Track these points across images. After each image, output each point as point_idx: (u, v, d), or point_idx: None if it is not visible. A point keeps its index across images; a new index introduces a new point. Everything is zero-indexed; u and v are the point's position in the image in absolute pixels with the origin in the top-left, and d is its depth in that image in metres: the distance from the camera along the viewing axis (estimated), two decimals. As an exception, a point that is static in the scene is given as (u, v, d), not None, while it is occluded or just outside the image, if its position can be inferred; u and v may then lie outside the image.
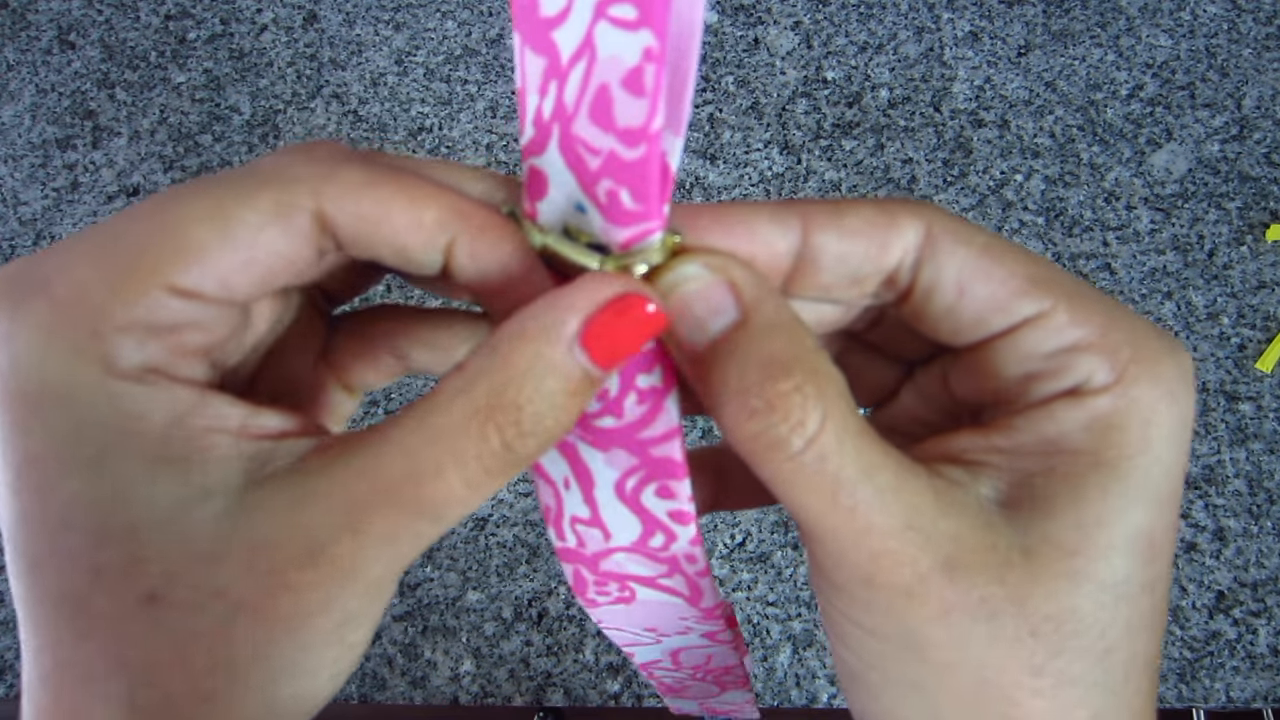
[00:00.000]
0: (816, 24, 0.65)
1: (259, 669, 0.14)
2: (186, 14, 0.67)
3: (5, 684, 0.54)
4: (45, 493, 0.14)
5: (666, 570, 0.20)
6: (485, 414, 0.14)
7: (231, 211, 0.14)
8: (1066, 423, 0.16)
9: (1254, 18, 0.64)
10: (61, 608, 0.14)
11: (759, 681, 0.52)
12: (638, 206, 0.15)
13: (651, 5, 0.13)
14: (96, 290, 0.13)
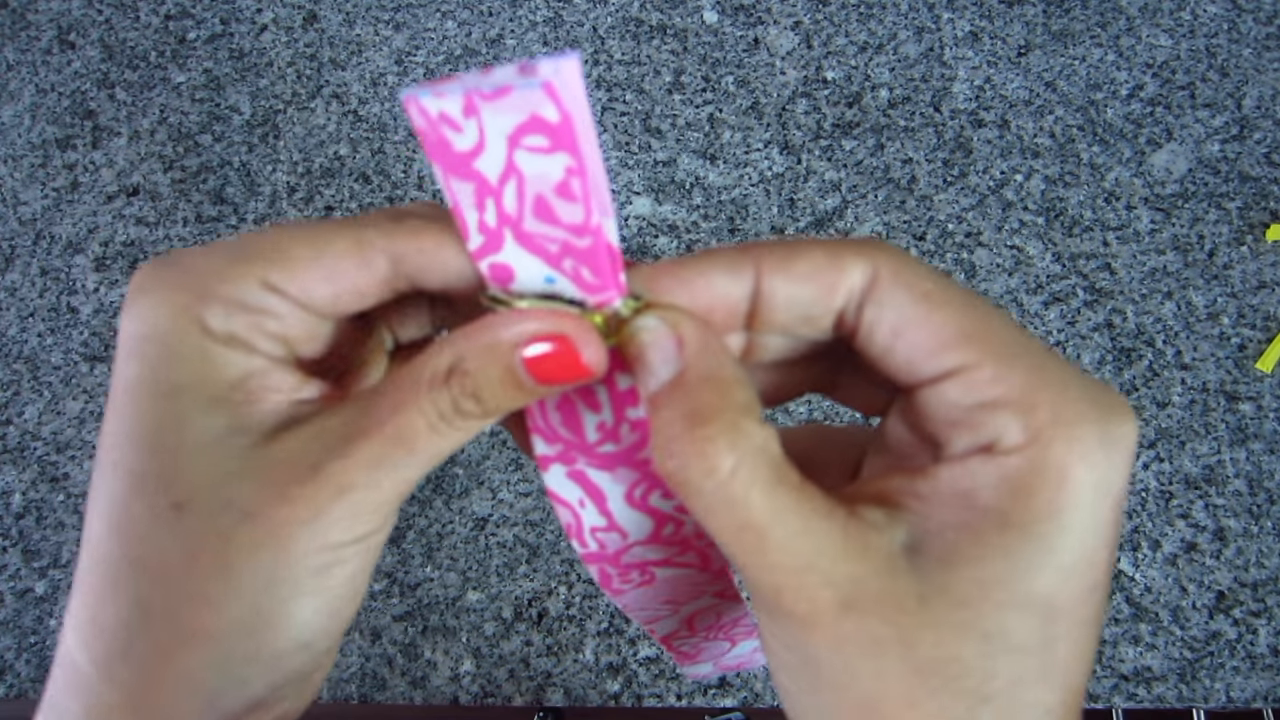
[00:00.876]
0: (816, 24, 0.65)
1: (248, 576, 0.17)
2: (186, 14, 0.67)
3: (5, 684, 0.54)
4: (129, 411, 0.18)
5: (679, 550, 0.22)
6: (444, 374, 0.18)
7: (323, 240, 0.18)
8: (980, 479, 0.16)
9: (1254, 18, 0.64)
10: (106, 511, 0.18)
11: (759, 681, 0.52)
12: (596, 280, 0.18)
13: (559, 133, 0.15)
14: (211, 271, 0.18)
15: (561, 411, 0.20)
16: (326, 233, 0.18)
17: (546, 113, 0.15)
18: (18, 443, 0.58)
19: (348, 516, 0.18)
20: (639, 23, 0.66)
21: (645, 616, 0.25)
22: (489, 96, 0.16)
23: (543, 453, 0.21)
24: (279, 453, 0.18)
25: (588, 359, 0.18)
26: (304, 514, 0.17)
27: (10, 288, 0.61)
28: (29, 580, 0.56)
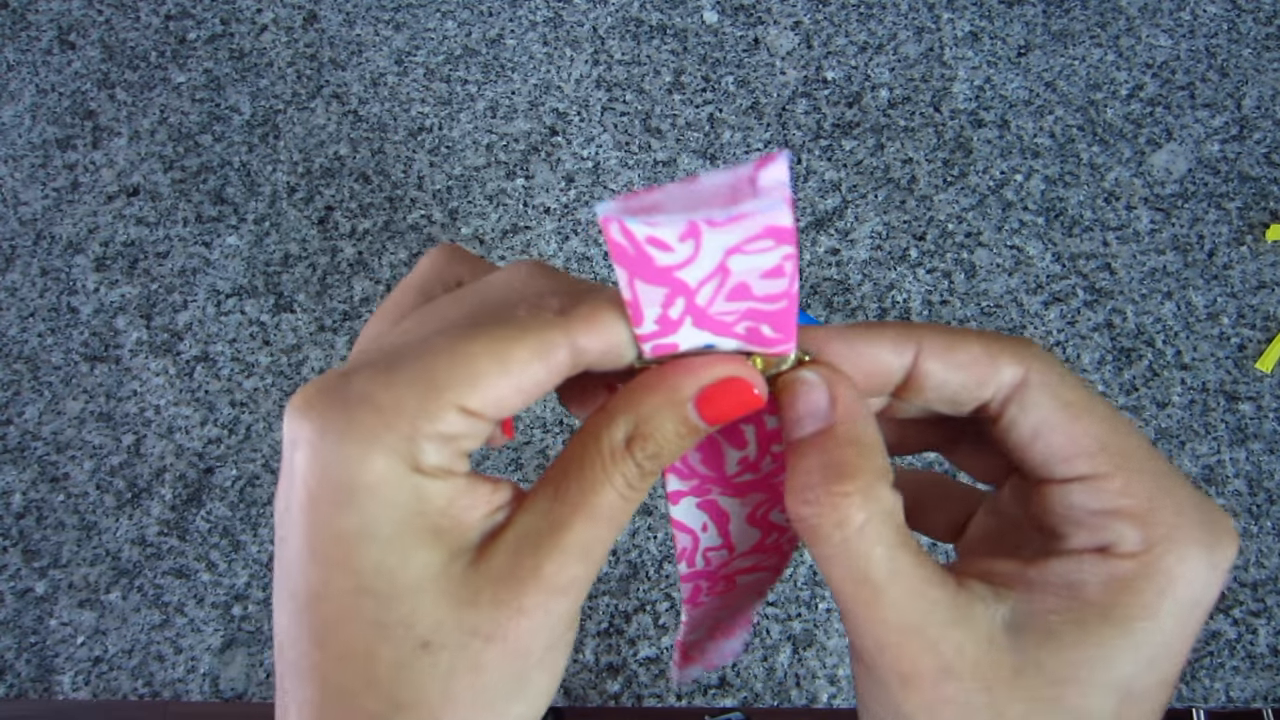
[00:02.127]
0: (816, 24, 0.65)
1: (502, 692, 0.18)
2: (186, 14, 0.67)
3: (5, 684, 0.54)
4: (349, 564, 0.18)
5: (768, 555, 0.24)
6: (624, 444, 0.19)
7: (507, 351, 0.18)
8: (1090, 574, 0.18)
9: (1254, 18, 0.64)
10: (348, 662, 0.18)
11: (758, 681, 0.52)
12: (777, 335, 0.19)
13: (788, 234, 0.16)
14: (410, 407, 0.18)
15: (703, 451, 0.21)
16: (508, 340, 0.18)
17: (783, 221, 0.16)
18: (18, 443, 0.58)
19: (569, 612, 0.19)
20: (639, 23, 0.66)
21: (695, 622, 0.26)
22: (720, 224, 0.16)
23: (675, 488, 0.22)
24: (498, 569, 0.18)
25: (759, 391, 0.19)
26: (540, 620, 0.18)
27: (10, 288, 0.61)
28: (29, 580, 0.56)
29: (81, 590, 0.55)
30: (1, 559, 0.56)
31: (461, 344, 0.18)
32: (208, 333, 0.60)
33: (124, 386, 0.59)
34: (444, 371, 0.18)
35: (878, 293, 0.59)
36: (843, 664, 0.52)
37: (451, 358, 0.18)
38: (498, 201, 0.62)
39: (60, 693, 0.53)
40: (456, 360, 0.18)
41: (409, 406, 0.17)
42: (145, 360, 0.59)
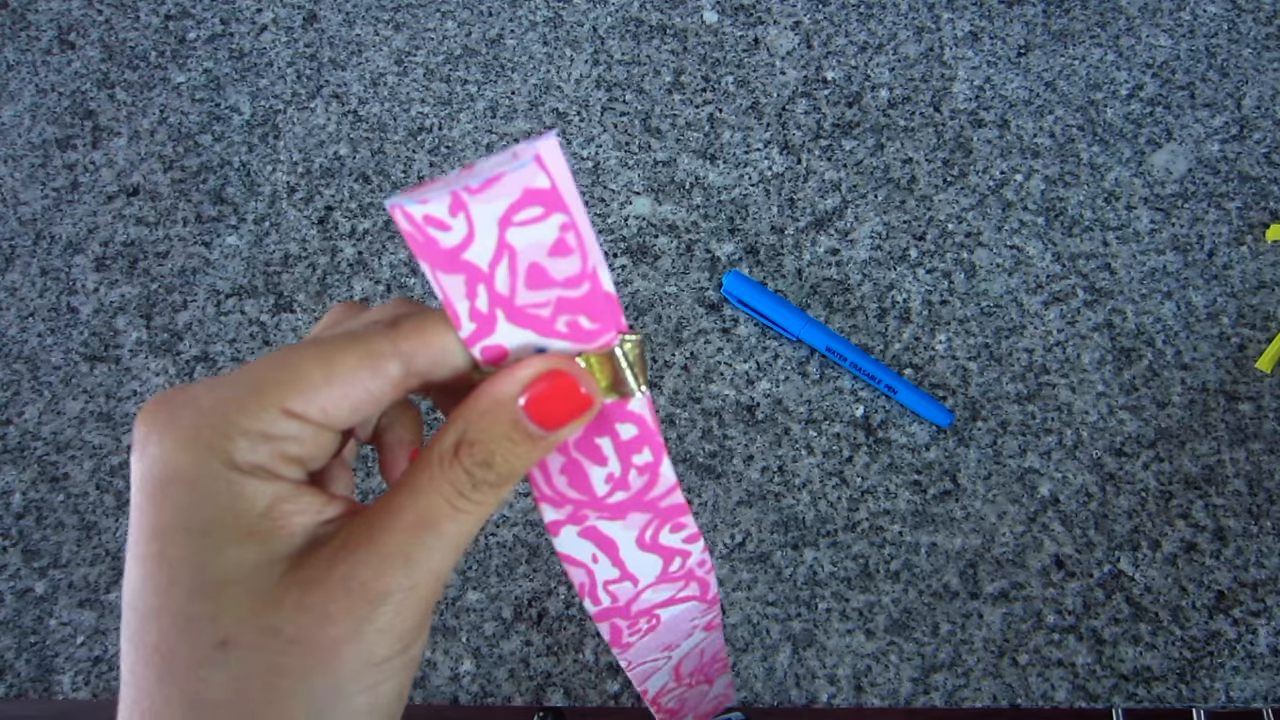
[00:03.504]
0: (816, 24, 0.65)
1: (300, 703, 0.17)
2: (186, 14, 0.67)
3: (5, 684, 0.54)
4: (162, 556, 0.18)
5: (683, 584, 0.24)
6: (453, 450, 0.19)
7: (332, 357, 0.19)
8: None
9: (1254, 18, 0.64)
10: (153, 658, 0.18)
11: (758, 681, 0.52)
12: (596, 325, 0.19)
13: (551, 196, 0.17)
14: (230, 406, 0.18)
15: (568, 474, 0.21)
16: (335, 350, 0.19)
17: (538, 182, 0.17)
18: (18, 443, 0.58)
19: (389, 626, 0.18)
20: (639, 23, 0.66)
21: (644, 671, 0.26)
22: (477, 190, 0.17)
23: (552, 519, 0.22)
24: (311, 573, 0.18)
25: (586, 389, 0.19)
26: (347, 629, 0.18)
27: (10, 288, 0.61)
28: (29, 580, 0.56)
29: (81, 590, 0.55)
30: (1, 559, 0.56)
31: (289, 354, 0.19)
32: (208, 333, 0.60)
33: (124, 386, 0.59)
34: (268, 376, 0.18)
35: (878, 293, 0.59)
36: (842, 664, 0.52)
37: (277, 364, 0.19)
38: (498, 201, 0.62)
39: (60, 693, 0.53)
40: (282, 366, 0.19)
41: (229, 406, 0.18)
42: (145, 360, 0.59)
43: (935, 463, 0.55)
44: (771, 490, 0.55)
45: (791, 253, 0.60)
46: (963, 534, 0.54)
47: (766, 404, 0.56)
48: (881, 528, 0.54)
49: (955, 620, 0.53)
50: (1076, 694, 0.51)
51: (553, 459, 0.21)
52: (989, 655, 0.52)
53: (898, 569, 0.53)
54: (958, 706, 0.51)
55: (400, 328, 0.19)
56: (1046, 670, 0.52)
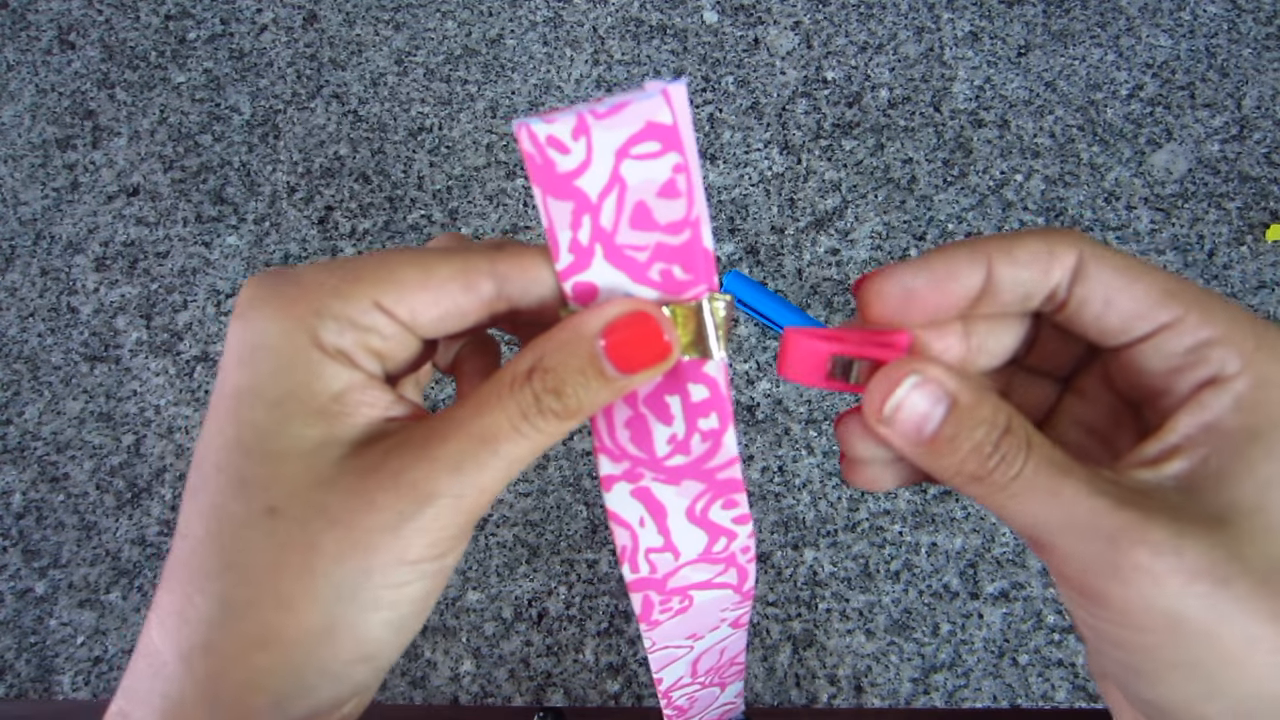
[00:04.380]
0: (816, 24, 0.65)
1: (329, 583, 0.18)
2: (186, 14, 0.67)
3: (5, 684, 0.54)
4: (236, 416, 0.18)
5: (723, 568, 0.23)
6: (525, 373, 0.19)
7: (431, 265, 0.19)
8: (1218, 409, 0.19)
9: (1254, 18, 0.64)
10: (206, 511, 0.18)
11: (758, 681, 0.52)
12: (689, 276, 0.19)
13: (671, 134, 0.17)
14: (326, 289, 0.19)
15: (631, 429, 0.21)
16: (435, 258, 0.19)
17: (661, 117, 0.17)
18: (18, 443, 0.58)
19: (430, 528, 0.18)
20: (639, 23, 0.66)
21: (665, 657, 0.26)
22: (603, 115, 0.17)
23: (608, 472, 0.21)
24: (367, 461, 0.18)
25: (669, 337, 0.19)
26: (389, 520, 0.18)
27: (10, 288, 0.61)
28: (29, 580, 0.56)
29: (81, 590, 0.55)
30: (1, 559, 0.56)
31: (392, 254, 0.20)
32: (208, 333, 0.60)
33: (124, 386, 0.59)
34: (368, 269, 0.19)
35: (878, 293, 0.59)
36: (843, 664, 0.52)
37: (378, 261, 0.19)
38: (498, 201, 0.62)
39: (60, 693, 0.53)
40: (382, 263, 0.19)
41: (326, 288, 0.19)
42: (145, 360, 0.59)
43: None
44: (771, 490, 0.55)
45: (791, 253, 0.60)
46: (963, 534, 0.54)
47: (766, 404, 0.56)
48: (881, 528, 0.54)
49: (955, 620, 0.52)
50: (1076, 694, 0.51)
51: (619, 410, 0.21)
52: (989, 655, 0.52)
53: (898, 569, 0.53)
54: (958, 706, 0.51)
55: (501, 251, 0.20)
56: (1046, 670, 0.52)
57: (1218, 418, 0.19)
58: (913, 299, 0.21)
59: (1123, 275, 0.20)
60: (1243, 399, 0.19)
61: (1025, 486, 0.18)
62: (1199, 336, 0.19)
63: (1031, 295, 0.21)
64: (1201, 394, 0.19)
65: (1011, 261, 0.20)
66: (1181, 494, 0.18)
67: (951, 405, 0.19)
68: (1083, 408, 0.23)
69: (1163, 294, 0.19)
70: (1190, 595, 0.17)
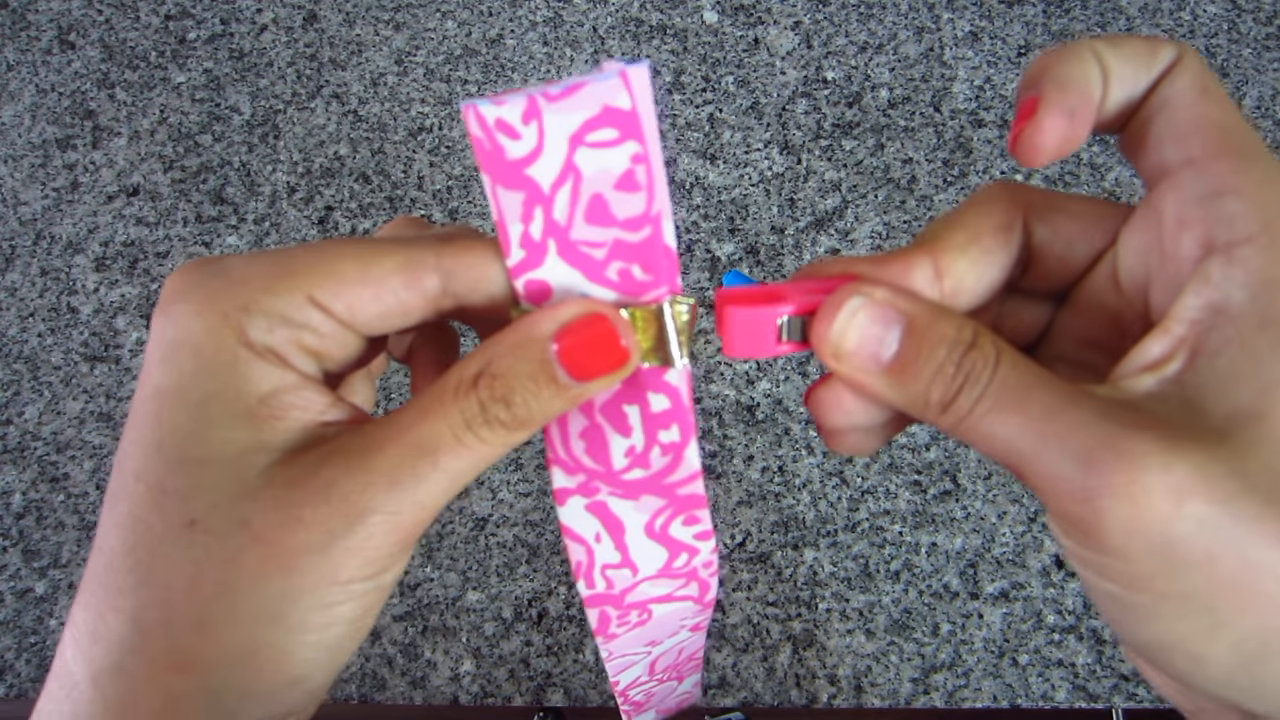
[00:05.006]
0: (816, 24, 0.65)
1: (251, 604, 0.16)
2: (186, 14, 0.67)
3: (5, 684, 0.54)
4: (156, 419, 0.17)
5: (684, 582, 0.22)
6: (472, 379, 0.17)
7: (372, 258, 0.18)
8: (1225, 286, 0.16)
9: (1254, 18, 0.64)
10: (124, 523, 0.17)
11: (758, 681, 0.52)
12: (648, 277, 0.17)
13: (629, 121, 0.16)
14: (256, 282, 0.17)
15: (586, 439, 0.19)
16: (376, 250, 0.18)
17: (619, 101, 0.16)
18: (18, 443, 0.58)
19: (362, 548, 0.17)
20: (639, 23, 0.66)
21: (621, 665, 0.25)
22: (555, 97, 0.16)
23: (561, 485, 0.20)
24: (296, 471, 0.17)
25: (626, 342, 0.17)
26: (317, 539, 0.16)
27: (10, 288, 0.61)
28: (29, 580, 0.56)
29: (81, 590, 0.55)
30: (1, 559, 0.56)
31: (329, 245, 0.18)
32: (208, 333, 0.60)
33: (124, 386, 0.59)
34: (302, 261, 0.18)
35: (878, 293, 0.59)
36: (843, 664, 0.52)
37: (314, 252, 0.18)
38: (498, 201, 0.62)
39: (60, 693, 0.53)
40: (318, 255, 0.18)
41: (256, 281, 0.17)
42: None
43: (935, 463, 0.55)
44: (771, 490, 0.55)
45: (791, 253, 0.60)
46: (963, 534, 0.54)
47: (766, 404, 0.56)
48: (882, 528, 0.54)
49: (955, 620, 0.53)
50: (1077, 694, 0.51)
51: (574, 419, 0.19)
52: (989, 655, 0.52)
53: (898, 569, 0.53)
54: (958, 706, 0.51)
55: (448, 244, 0.18)
56: (1046, 670, 0.52)
57: (1224, 297, 0.16)
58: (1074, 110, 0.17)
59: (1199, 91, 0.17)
60: (1253, 272, 0.15)
61: (992, 404, 0.16)
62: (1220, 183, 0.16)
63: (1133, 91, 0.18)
64: (1208, 265, 0.16)
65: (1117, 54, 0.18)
66: (1180, 403, 0.16)
67: (908, 326, 0.17)
68: (1082, 320, 0.20)
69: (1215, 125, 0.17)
70: (1181, 518, 0.15)
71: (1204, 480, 0.15)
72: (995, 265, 0.19)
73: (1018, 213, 0.20)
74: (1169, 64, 0.18)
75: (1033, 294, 0.21)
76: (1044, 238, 0.20)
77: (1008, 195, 0.19)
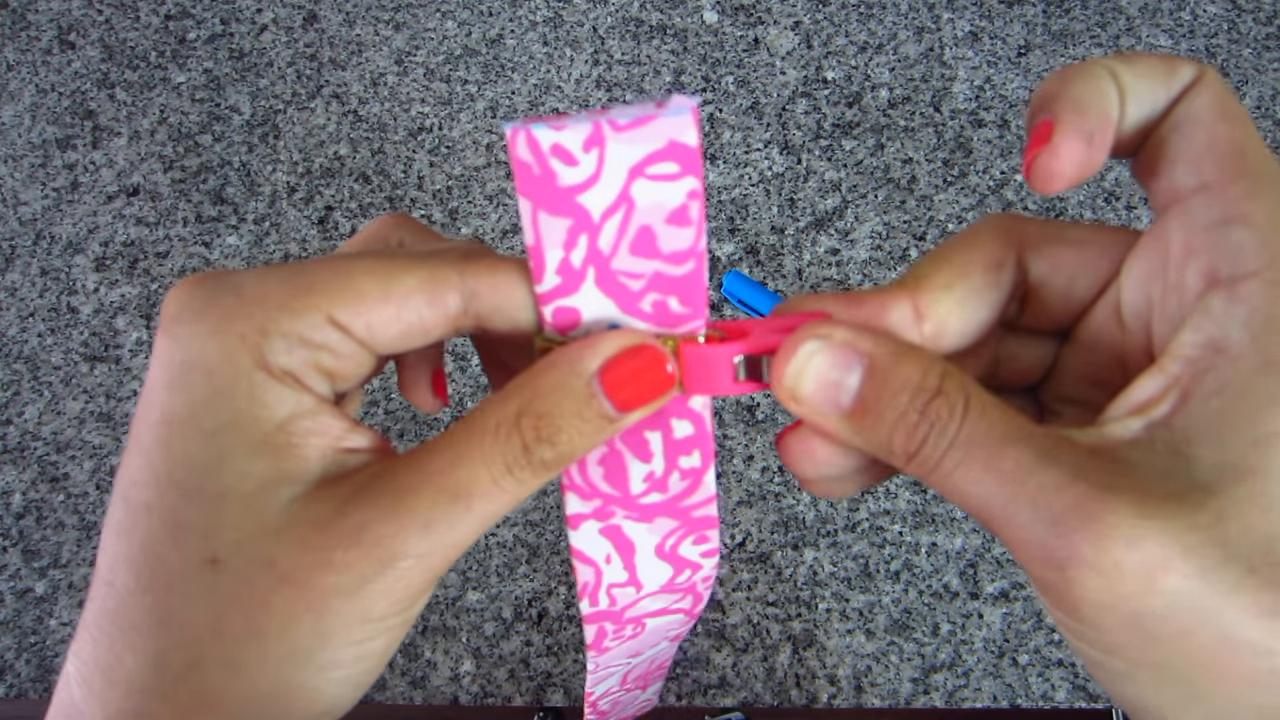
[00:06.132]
0: (816, 24, 0.65)
1: (282, 646, 0.16)
2: (186, 14, 0.67)
3: (5, 684, 0.54)
4: (167, 449, 0.16)
5: (681, 595, 0.22)
6: (513, 420, 0.16)
7: (393, 275, 0.17)
8: (1224, 320, 0.15)
9: (1254, 18, 0.64)
10: (137, 558, 0.16)
11: (758, 682, 0.52)
12: (685, 309, 0.17)
13: (692, 158, 0.16)
14: (274, 300, 0.16)
15: (605, 466, 0.19)
16: (397, 267, 0.17)
17: (686, 137, 0.16)
18: (18, 443, 0.58)
19: (393, 589, 0.16)
20: (639, 23, 0.66)
21: (601, 677, 0.25)
22: (623, 127, 0.16)
23: (576, 511, 0.20)
24: (324, 509, 0.16)
25: (671, 369, 0.17)
26: (347, 584, 0.16)
27: (10, 288, 0.61)
28: (29, 580, 0.56)
29: (81, 590, 0.55)
30: (1, 559, 0.56)
31: (347, 260, 0.17)
32: (208, 333, 0.60)
33: (124, 386, 0.59)
34: (321, 278, 0.17)
35: (878, 293, 0.59)
36: (843, 664, 0.52)
37: (332, 268, 0.17)
38: (498, 201, 0.62)
39: (60, 693, 0.53)
40: (337, 271, 0.17)
41: (273, 300, 0.16)
42: (145, 360, 0.59)
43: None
44: (771, 490, 0.55)
45: (791, 253, 0.60)
46: (963, 534, 0.54)
47: (766, 404, 0.56)
48: (882, 528, 0.54)
49: (955, 620, 0.53)
50: (1076, 694, 0.51)
51: None
52: (989, 655, 0.52)
53: (898, 569, 0.53)
54: (958, 706, 0.51)
55: (472, 262, 0.18)
56: (1046, 670, 0.52)
57: (1224, 335, 0.14)
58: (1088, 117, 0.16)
59: (1216, 111, 0.16)
60: (1257, 311, 0.14)
61: (961, 457, 0.15)
62: (1230, 210, 0.15)
63: (1152, 110, 0.17)
64: (1210, 299, 0.15)
65: (1133, 71, 0.17)
66: (1167, 449, 0.15)
67: (868, 368, 0.16)
68: (1086, 357, 0.19)
69: (1231, 147, 0.16)
70: (1154, 593, 0.14)
71: (1180, 552, 0.14)
72: (984, 304, 0.18)
73: (1010, 248, 0.19)
74: (1188, 83, 0.17)
75: (1034, 331, 0.20)
76: (1042, 272, 0.19)
77: (999, 229, 0.19)
